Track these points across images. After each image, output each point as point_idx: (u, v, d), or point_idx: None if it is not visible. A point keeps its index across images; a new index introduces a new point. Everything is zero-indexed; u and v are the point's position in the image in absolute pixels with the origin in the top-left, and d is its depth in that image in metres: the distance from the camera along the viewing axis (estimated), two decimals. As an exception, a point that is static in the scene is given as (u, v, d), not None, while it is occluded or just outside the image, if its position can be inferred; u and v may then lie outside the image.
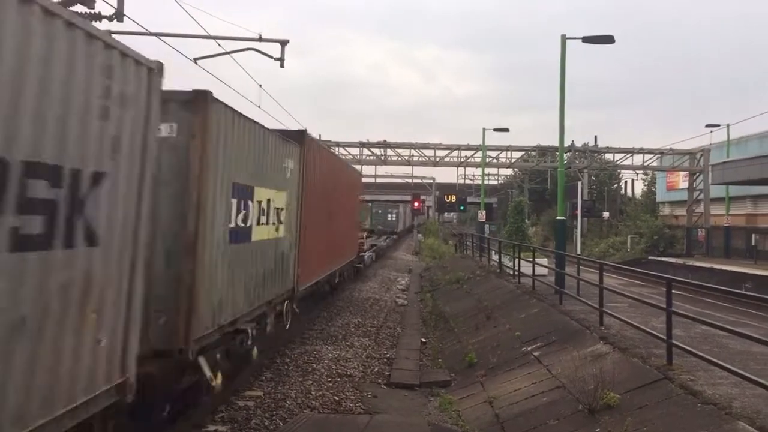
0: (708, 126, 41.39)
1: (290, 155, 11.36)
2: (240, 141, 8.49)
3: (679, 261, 35.58)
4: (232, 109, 8.13)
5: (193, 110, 7.23)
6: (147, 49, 5.51)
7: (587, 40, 18.15)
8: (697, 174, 44.29)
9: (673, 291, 9.34)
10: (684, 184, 47.13)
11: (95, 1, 12.76)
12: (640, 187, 66.34)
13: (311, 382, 10.94)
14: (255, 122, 9.22)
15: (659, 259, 37.81)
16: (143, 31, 16.30)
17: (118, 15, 13.65)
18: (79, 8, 12.92)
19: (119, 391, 5.34)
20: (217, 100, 7.59)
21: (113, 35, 16.02)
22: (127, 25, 14.55)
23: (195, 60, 18.53)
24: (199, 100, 7.30)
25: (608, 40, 18.25)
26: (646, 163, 46.00)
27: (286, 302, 11.75)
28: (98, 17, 13.48)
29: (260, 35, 18.49)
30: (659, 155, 45.65)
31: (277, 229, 10.63)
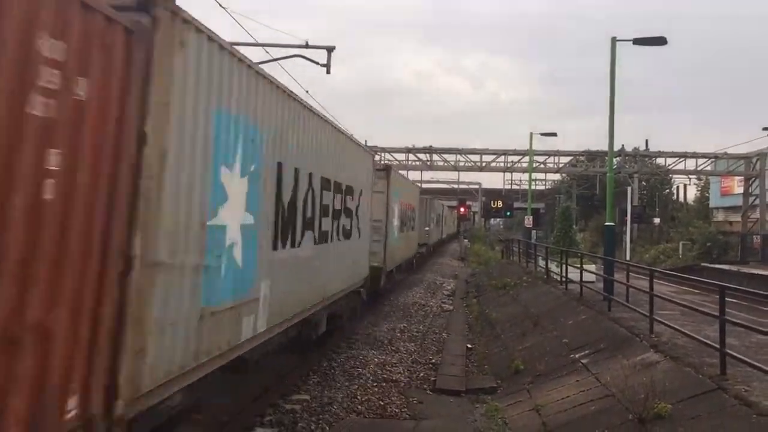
0: (765, 129, 40.18)
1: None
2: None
3: (734, 268, 34.62)
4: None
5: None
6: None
7: (638, 42, 17.74)
8: (753, 179, 43.05)
9: (728, 299, 9.10)
10: (739, 189, 45.88)
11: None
12: (692, 193, 64.88)
13: (357, 386, 10.99)
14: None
15: (712, 266, 36.85)
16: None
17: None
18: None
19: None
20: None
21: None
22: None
23: (244, 67, 18.83)
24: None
25: (660, 41, 17.82)
26: (699, 168, 44.91)
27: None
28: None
29: (307, 42, 18.72)
30: (713, 159, 44.53)
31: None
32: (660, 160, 47.41)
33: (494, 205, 52.95)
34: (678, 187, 65.80)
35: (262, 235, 7.42)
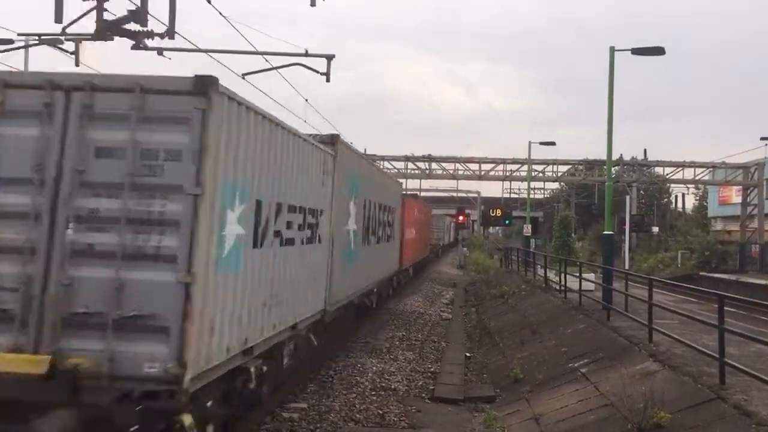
0: (763, 139, 40.29)
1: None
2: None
3: (732, 277, 34.62)
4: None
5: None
6: (197, 65, 5.68)
7: (637, 51, 17.81)
8: (752, 188, 43.10)
9: (726, 308, 9.09)
10: (737, 199, 45.94)
11: (147, 20, 13.08)
12: (691, 202, 64.99)
13: (355, 395, 10.95)
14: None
15: (711, 275, 36.85)
16: (193, 47, 16.68)
17: (170, 32, 13.94)
18: (132, 26, 13.29)
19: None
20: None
21: (164, 51, 16.08)
22: (177, 42, 14.84)
23: (243, 75, 18.87)
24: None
25: (658, 51, 17.90)
26: (697, 177, 44.98)
27: None
28: (150, 35, 13.81)
29: (306, 50, 18.68)
30: (711, 169, 44.59)
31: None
32: (659, 170, 47.49)
33: (493, 213, 52.93)
34: (676, 197, 65.99)
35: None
